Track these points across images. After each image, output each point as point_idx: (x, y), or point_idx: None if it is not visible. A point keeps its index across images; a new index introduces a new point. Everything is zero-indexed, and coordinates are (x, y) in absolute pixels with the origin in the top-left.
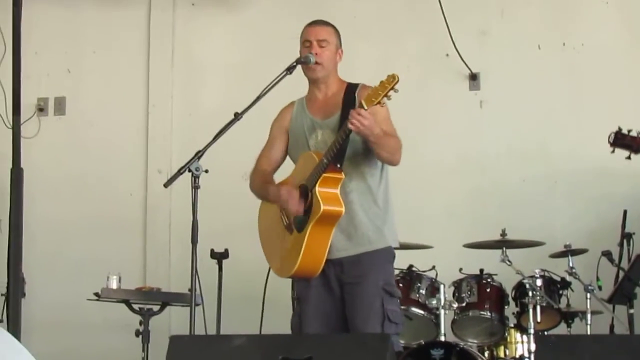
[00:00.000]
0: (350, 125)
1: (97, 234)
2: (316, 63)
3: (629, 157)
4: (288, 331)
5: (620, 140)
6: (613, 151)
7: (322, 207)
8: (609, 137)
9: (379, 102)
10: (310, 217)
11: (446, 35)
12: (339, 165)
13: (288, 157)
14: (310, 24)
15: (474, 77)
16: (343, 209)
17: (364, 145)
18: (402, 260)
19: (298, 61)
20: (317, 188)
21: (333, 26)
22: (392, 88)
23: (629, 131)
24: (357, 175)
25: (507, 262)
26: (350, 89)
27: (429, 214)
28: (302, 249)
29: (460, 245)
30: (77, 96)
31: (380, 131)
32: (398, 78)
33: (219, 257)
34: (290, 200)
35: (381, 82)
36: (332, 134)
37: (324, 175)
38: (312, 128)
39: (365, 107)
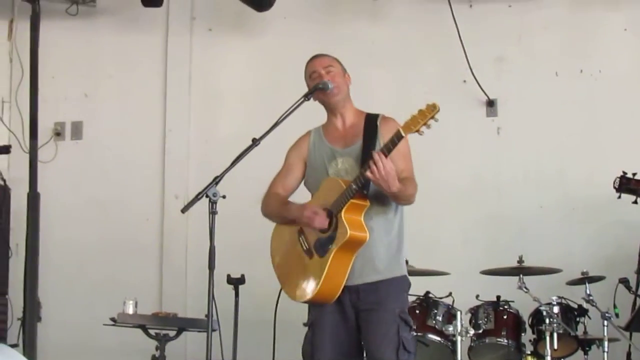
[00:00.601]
0: (368, 174)
1: (113, 259)
2: (333, 87)
3: (635, 202)
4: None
5: (625, 184)
6: (619, 197)
7: (349, 232)
8: (614, 183)
9: (417, 131)
10: (335, 242)
11: (463, 61)
12: (365, 192)
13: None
14: (310, 59)
15: (491, 103)
16: (368, 235)
17: None
18: (418, 287)
19: (316, 87)
20: (343, 213)
21: (332, 56)
22: (433, 117)
23: (634, 175)
24: (377, 203)
25: (524, 289)
26: (371, 119)
27: (445, 240)
28: (324, 274)
29: (477, 272)
30: (94, 121)
31: (400, 186)
32: (439, 108)
33: (236, 282)
34: (316, 218)
35: (420, 110)
36: (354, 162)
37: (352, 201)
38: (331, 157)
39: (403, 134)
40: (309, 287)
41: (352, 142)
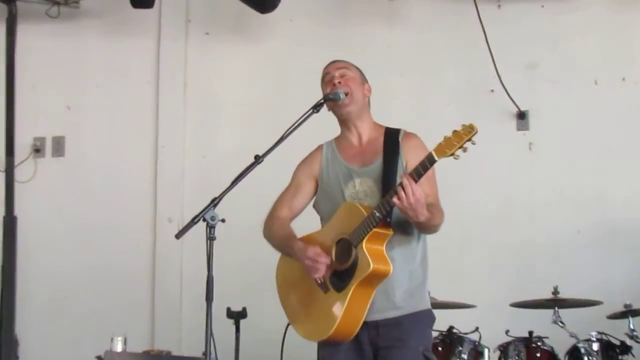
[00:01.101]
0: (396, 201)
1: (99, 290)
2: (346, 95)
3: None
4: None
5: None
6: None
7: (372, 266)
8: None
9: (452, 154)
10: (355, 276)
11: (491, 68)
12: (388, 220)
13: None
14: (327, 65)
15: (522, 115)
16: (391, 268)
17: None
18: (441, 321)
19: (326, 97)
20: (364, 244)
21: (351, 62)
22: (470, 139)
23: None
24: (399, 230)
25: (560, 323)
26: (391, 134)
27: (471, 269)
28: (343, 311)
29: (506, 304)
30: (77, 136)
31: (428, 215)
32: (477, 129)
33: (237, 316)
34: (317, 267)
35: (455, 132)
36: (373, 183)
37: (375, 230)
38: (348, 177)
39: (436, 158)
40: (325, 326)
41: (370, 160)
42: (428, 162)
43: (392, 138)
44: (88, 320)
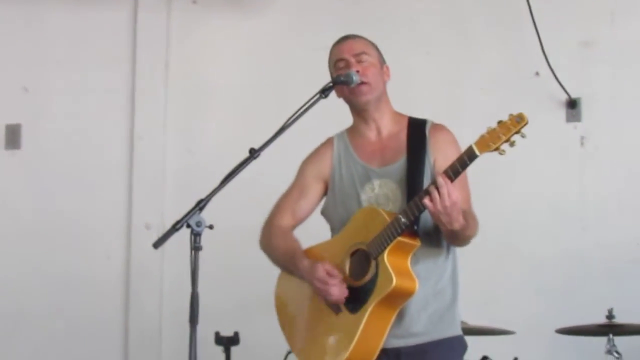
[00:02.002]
0: (428, 203)
1: (62, 309)
2: (362, 83)
3: None
4: None
5: None
6: None
7: (395, 281)
8: None
9: (497, 149)
10: (374, 295)
11: (536, 47)
12: (415, 228)
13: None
14: (337, 42)
15: (573, 104)
16: (417, 286)
17: None
18: (473, 350)
19: (336, 80)
20: (386, 256)
21: (368, 39)
22: (518, 131)
23: None
24: (425, 241)
25: (615, 354)
26: (416, 126)
27: (509, 288)
28: (357, 336)
29: (551, 330)
30: (36, 124)
31: (463, 223)
32: (527, 120)
33: (227, 343)
34: (332, 289)
35: (501, 122)
36: (396, 186)
37: (399, 239)
38: (365, 177)
39: (478, 153)
40: (335, 354)
41: (392, 158)
42: (468, 158)
43: (417, 131)
44: (48, 344)
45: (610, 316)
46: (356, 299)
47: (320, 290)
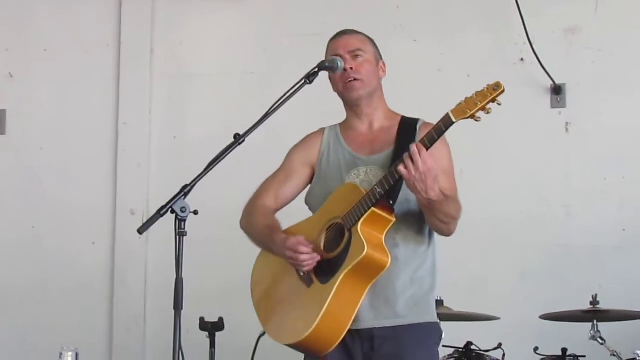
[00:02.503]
0: (402, 169)
1: (46, 295)
2: (354, 80)
3: None
4: None
5: None
6: None
7: (366, 249)
8: None
9: (473, 116)
10: (345, 263)
11: (521, 32)
12: (391, 202)
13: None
14: (334, 37)
15: (557, 90)
16: (389, 260)
17: None
18: (458, 335)
19: (321, 66)
20: (360, 225)
21: (365, 35)
22: (494, 99)
23: None
24: (407, 227)
25: (599, 339)
26: (408, 123)
27: (494, 276)
28: (326, 305)
29: (535, 317)
30: (21, 109)
31: (440, 194)
32: (503, 88)
33: (211, 328)
34: (301, 255)
35: (478, 92)
36: (382, 172)
37: (374, 209)
38: (352, 164)
39: (454, 119)
40: (301, 326)
41: (381, 149)
42: (443, 125)
43: (408, 126)
44: (34, 331)
45: (594, 302)
46: (329, 270)
47: (290, 259)
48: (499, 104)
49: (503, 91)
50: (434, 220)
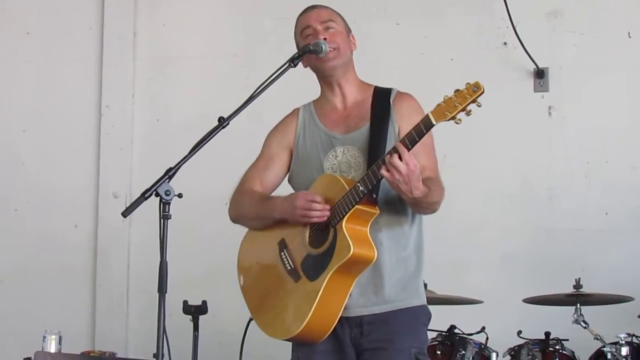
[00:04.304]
0: (384, 173)
1: (29, 279)
2: (330, 50)
3: None
4: None
5: None
6: None
7: (353, 249)
8: None
9: (453, 118)
10: (332, 262)
11: (504, 16)
12: (374, 196)
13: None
14: (303, 11)
15: (540, 73)
16: (375, 254)
17: None
18: (441, 319)
19: (306, 49)
20: (344, 223)
21: (333, 9)
22: (474, 101)
23: None
24: (388, 208)
25: (582, 323)
26: (381, 95)
27: (477, 259)
28: (315, 303)
29: (519, 300)
30: (3, 92)
31: (424, 190)
32: (483, 89)
33: (195, 312)
34: (314, 211)
35: (458, 91)
36: (359, 152)
37: (358, 207)
38: (328, 145)
39: (434, 122)
40: (293, 321)
41: (356, 125)
42: (424, 127)
43: (382, 99)
44: (15, 315)
45: (577, 286)
46: (315, 266)
47: (304, 212)
48: (479, 106)
49: (483, 92)
50: (418, 209)
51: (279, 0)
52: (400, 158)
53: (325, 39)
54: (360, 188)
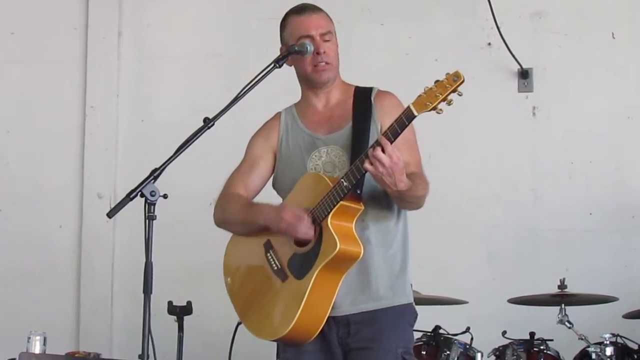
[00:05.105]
0: (368, 167)
1: (13, 280)
2: (326, 63)
3: None
4: None
5: None
6: None
7: (339, 246)
8: None
9: (435, 108)
10: (319, 259)
11: (488, 17)
12: (358, 192)
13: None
14: (299, 13)
15: (524, 74)
16: (362, 250)
17: None
18: (426, 319)
19: (291, 50)
20: (330, 220)
21: (325, 12)
22: (455, 90)
23: None
24: (374, 206)
25: (567, 323)
26: (362, 94)
27: (462, 259)
28: (303, 303)
29: (503, 300)
30: None
31: (408, 183)
32: (463, 78)
33: (180, 312)
34: (300, 224)
35: (438, 81)
36: (343, 152)
37: (342, 203)
38: (311, 146)
39: (416, 113)
40: (281, 322)
41: (339, 125)
42: (405, 119)
43: (363, 98)
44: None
45: (562, 286)
46: (302, 265)
47: (289, 225)
48: (459, 95)
49: (463, 81)
50: (403, 203)
51: (264, 0)
52: (383, 151)
53: (324, 52)
54: (344, 184)
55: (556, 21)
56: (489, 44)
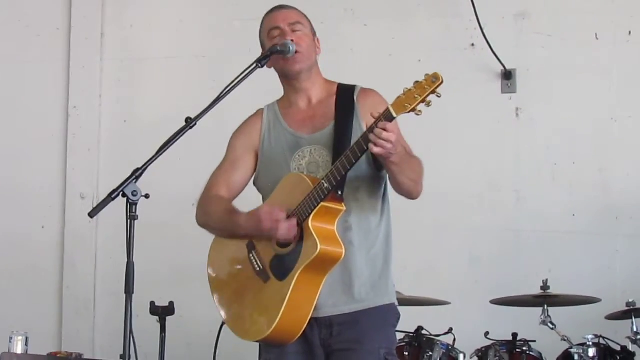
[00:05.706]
0: (376, 150)
1: None
2: (296, 52)
3: None
4: None
5: None
6: None
7: (320, 247)
8: None
9: (413, 110)
10: (300, 261)
11: (472, 18)
12: (339, 193)
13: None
14: (270, 11)
15: (508, 75)
16: (343, 251)
17: (367, 166)
18: (408, 320)
19: (273, 50)
20: (310, 221)
21: (300, 10)
22: (434, 91)
23: None
24: (357, 206)
25: (550, 324)
26: (345, 92)
27: (445, 260)
28: (285, 304)
29: (486, 301)
30: None
31: (404, 150)
32: (442, 79)
33: (162, 312)
34: (281, 225)
35: (417, 82)
36: (327, 151)
37: (323, 204)
38: (295, 145)
39: (394, 114)
40: (264, 322)
41: (322, 125)
42: (385, 120)
43: (346, 96)
44: None
45: (545, 287)
46: (284, 266)
47: (270, 229)
48: (438, 96)
49: (442, 83)
50: (402, 179)
51: (247, 1)
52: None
53: (292, 40)
54: (325, 185)
55: (539, 22)
56: (473, 44)
